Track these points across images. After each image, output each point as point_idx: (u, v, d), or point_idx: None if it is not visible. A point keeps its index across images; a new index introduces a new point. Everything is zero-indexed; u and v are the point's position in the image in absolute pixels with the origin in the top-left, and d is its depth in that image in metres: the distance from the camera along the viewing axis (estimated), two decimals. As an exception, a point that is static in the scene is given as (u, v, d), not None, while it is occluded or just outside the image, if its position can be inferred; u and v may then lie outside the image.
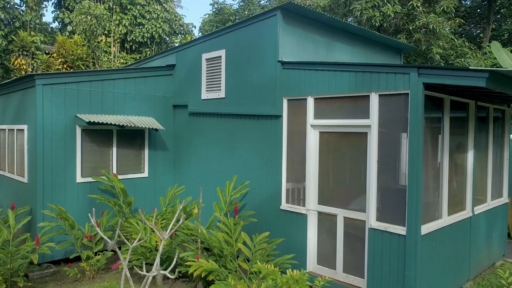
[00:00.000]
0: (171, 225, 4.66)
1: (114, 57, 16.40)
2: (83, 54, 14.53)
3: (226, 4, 19.55)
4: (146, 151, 8.30)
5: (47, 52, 15.32)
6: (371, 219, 5.16)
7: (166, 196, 7.62)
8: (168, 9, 17.28)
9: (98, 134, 7.55)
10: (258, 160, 6.71)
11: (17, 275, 5.64)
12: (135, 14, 16.61)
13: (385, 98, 5.07)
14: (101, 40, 15.96)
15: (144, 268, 4.36)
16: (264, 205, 6.58)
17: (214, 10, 19.50)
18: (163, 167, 8.55)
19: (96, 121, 7.03)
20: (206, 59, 7.71)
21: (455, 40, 14.12)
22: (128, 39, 16.68)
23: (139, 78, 8.16)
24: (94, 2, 15.74)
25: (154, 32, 16.81)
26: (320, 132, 5.90)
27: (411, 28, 13.57)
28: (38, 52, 14.75)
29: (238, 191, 6.52)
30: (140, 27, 16.78)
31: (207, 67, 7.71)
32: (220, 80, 7.38)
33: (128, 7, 16.46)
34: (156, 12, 16.98)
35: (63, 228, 6.32)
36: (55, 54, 14.73)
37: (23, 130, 7.42)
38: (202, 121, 7.92)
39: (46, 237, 6.13)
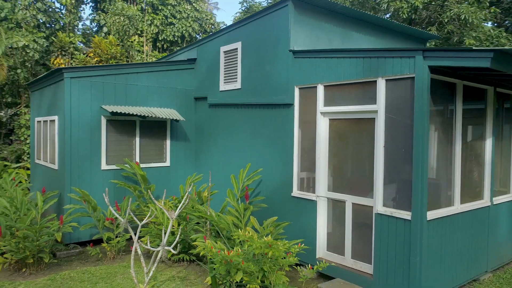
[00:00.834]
0: (179, 206, 4.88)
1: (146, 55, 17.03)
2: (117, 53, 15.22)
3: (255, 2, 19.74)
4: (168, 142, 8.63)
5: (84, 52, 16.17)
6: (378, 205, 5.14)
7: (185, 184, 7.89)
8: (198, 8, 17.72)
9: (122, 125, 7.95)
10: (271, 148, 6.83)
11: (43, 251, 6.09)
12: (166, 14, 17.17)
13: (391, 83, 5.04)
14: (134, 40, 16.63)
15: (148, 244, 4.60)
16: (276, 192, 6.68)
17: (243, 8, 19.75)
18: (185, 156, 8.85)
19: (119, 111, 7.43)
20: (224, 52, 7.92)
21: (491, 30, 13.51)
22: (160, 38, 17.26)
23: (161, 71, 8.50)
24: (127, 4, 16.43)
25: (184, 31, 17.29)
26: (330, 119, 5.93)
27: (443, 19, 13.14)
28: (76, 52, 15.62)
29: (250, 178, 6.66)
30: (171, 26, 17.31)
31: (225, 60, 7.92)
32: (237, 72, 7.57)
33: (160, 7, 17.04)
34: (186, 11, 17.46)
35: (87, 210, 6.74)
36: (92, 54, 15.52)
37: (54, 120, 7.95)
38: (220, 112, 8.14)
39: (71, 217, 6.56)
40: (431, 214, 4.82)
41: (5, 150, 14.11)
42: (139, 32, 16.81)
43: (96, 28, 18.25)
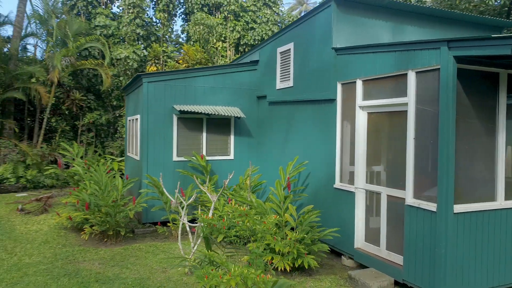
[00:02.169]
0: (220, 191, 5.56)
1: (229, 60, 18.31)
2: (202, 59, 16.72)
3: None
4: (232, 137, 9.44)
5: (176, 59, 18.06)
6: (408, 196, 5.19)
7: (244, 175, 8.60)
8: (278, 12, 18.47)
9: (191, 122, 8.98)
10: (317, 142, 7.15)
11: (120, 226, 7.32)
12: (247, 20, 18.26)
13: (421, 75, 5.06)
14: (218, 46, 18.04)
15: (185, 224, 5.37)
16: (321, 184, 6.99)
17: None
18: (248, 150, 9.57)
19: (186, 110, 8.44)
20: (280, 53, 8.44)
21: None
22: (241, 43, 18.41)
23: (226, 73, 9.35)
24: (208, 13, 17.88)
25: (264, 35, 18.18)
26: (368, 113, 6.07)
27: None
28: (169, 60, 17.56)
29: (296, 170, 7.07)
30: (252, 31, 18.35)
31: (280, 60, 8.44)
32: (290, 71, 8.03)
33: (241, 14, 18.19)
34: (266, 16, 18.33)
35: (157, 195, 7.85)
36: (181, 61, 17.30)
37: (137, 119, 9.33)
38: (276, 109, 8.68)
39: (143, 199, 7.72)
40: (460, 208, 4.73)
41: (111, 146, 16.52)
42: (222, 38, 18.17)
43: (185, 37, 20.15)
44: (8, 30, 15.62)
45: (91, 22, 16.87)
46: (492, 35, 4.05)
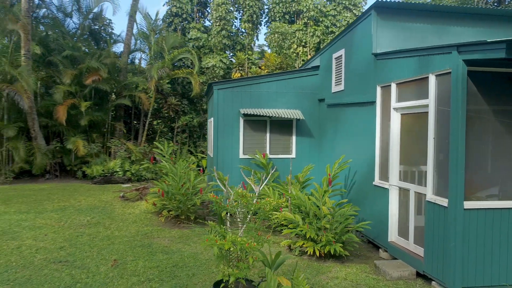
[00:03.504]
0: (262, 184, 6.50)
1: (309, 63, 19.09)
2: (282, 64, 17.77)
3: None
4: (294, 137, 10.27)
5: (259, 65, 19.44)
6: (428, 193, 5.49)
7: (302, 172, 9.37)
8: (358, 14, 18.59)
9: (256, 123, 10.06)
10: (360, 142, 7.62)
11: (190, 212, 8.71)
12: (327, 24, 18.76)
13: (439, 78, 5.34)
14: (299, 51, 18.89)
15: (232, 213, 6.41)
16: (363, 180, 7.46)
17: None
18: (309, 150, 10.31)
19: (249, 113, 9.54)
20: (335, 58, 9.03)
21: None
22: (321, 47, 18.98)
23: (288, 79, 10.23)
24: (288, 21, 18.81)
25: (344, 37, 18.54)
26: (401, 114, 6.42)
27: None
28: (253, 66, 19.01)
29: (340, 168, 7.64)
30: (332, 35, 18.79)
31: (335, 65, 9.03)
32: (341, 75, 8.59)
33: (321, 19, 18.77)
34: (346, 19, 18.61)
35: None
36: (263, 66, 18.60)
37: (211, 121, 10.73)
38: (331, 111, 9.27)
39: (209, 190, 9.03)
40: (471, 204, 4.93)
41: (202, 146, 18.54)
42: (303, 43, 18.97)
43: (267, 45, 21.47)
44: (120, 47, 18.61)
45: (185, 36, 19.14)
46: (488, 40, 4.28)
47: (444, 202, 5.11)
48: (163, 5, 17.88)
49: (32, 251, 6.60)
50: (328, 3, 18.71)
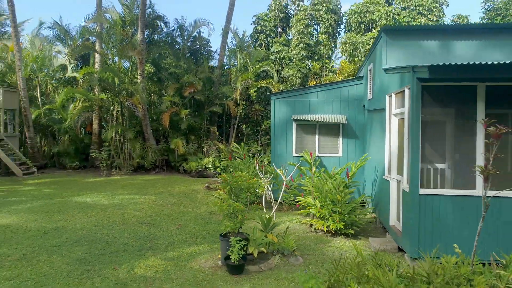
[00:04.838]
0: (288, 175, 8.49)
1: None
2: (354, 71, 19.03)
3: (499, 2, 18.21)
4: (341, 139, 11.85)
5: (337, 72, 20.93)
6: (404, 182, 6.86)
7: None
8: (432, 19, 18.78)
9: (306, 127, 11.92)
10: (378, 142, 9.02)
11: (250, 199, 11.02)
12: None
13: (409, 91, 6.69)
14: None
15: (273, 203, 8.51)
16: (379, 175, 8.85)
17: (486, 7, 18.73)
18: (354, 150, 11.77)
19: (299, 118, 11.48)
20: (368, 70, 10.45)
21: None
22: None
23: (335, 88, 11.85)
24: (364, 30, 19.87)
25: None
26: (398, 119, 7.77)
27: None
28: (330, 73, 20.62)
29: (359, 164, 9.13)
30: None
31: (369, 76, 10.44)
32: (371, 85, 10.00)
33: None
34: (420, 24, 18.95)
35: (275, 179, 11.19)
36: (338, 74, 20.06)
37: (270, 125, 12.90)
38: (369, 115, 10.67)
39: (268, 182, 11.20)
40: (425, 191, 6.24)
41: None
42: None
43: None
44: (215, 62, 22.00)
45: (269, 49, 21.63)
46: (418, 64, 5.67)
47: (407, 188, 6.48)
48: (251, 24, 20.56)
49: (130, 216, 9.67)
50: (402, 10, 19.29)
